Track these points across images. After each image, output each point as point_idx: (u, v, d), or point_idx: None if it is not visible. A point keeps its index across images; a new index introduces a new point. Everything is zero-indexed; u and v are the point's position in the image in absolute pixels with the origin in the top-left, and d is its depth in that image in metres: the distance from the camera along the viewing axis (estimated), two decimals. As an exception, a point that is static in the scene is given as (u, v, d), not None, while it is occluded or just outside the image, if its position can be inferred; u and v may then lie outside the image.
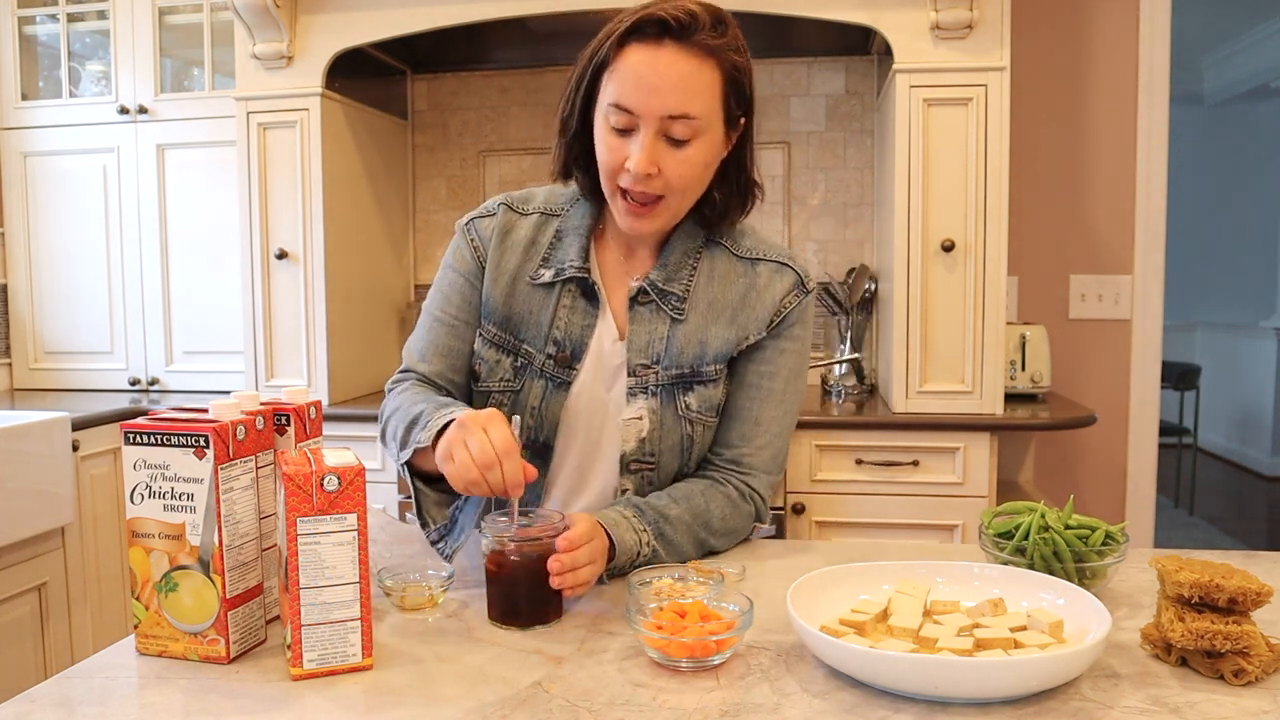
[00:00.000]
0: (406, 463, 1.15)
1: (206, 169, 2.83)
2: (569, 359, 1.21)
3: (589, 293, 1.22)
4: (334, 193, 2.59)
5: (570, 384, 1.21)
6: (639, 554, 1.11)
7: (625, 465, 1.22)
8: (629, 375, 1.21)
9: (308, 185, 2.53)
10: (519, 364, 1.23)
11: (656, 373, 1.21)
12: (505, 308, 1.23)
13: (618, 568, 1.10)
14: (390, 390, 1.26)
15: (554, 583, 0.97)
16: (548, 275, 1.22)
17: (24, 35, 2.95)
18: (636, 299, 1.22)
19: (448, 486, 1.20)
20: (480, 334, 1.25)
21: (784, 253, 1.27)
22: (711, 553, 1.22)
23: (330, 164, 2.57)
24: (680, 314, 1.21)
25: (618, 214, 1.18)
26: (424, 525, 1.20)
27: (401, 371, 1.29)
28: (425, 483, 1.17)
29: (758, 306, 1.23)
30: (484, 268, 1.25)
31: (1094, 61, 2.80)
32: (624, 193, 1.14)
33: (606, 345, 1.22)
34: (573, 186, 1.27)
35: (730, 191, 1.22)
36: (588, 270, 1.22)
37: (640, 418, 1.20)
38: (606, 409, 1.23)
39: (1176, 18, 2.78)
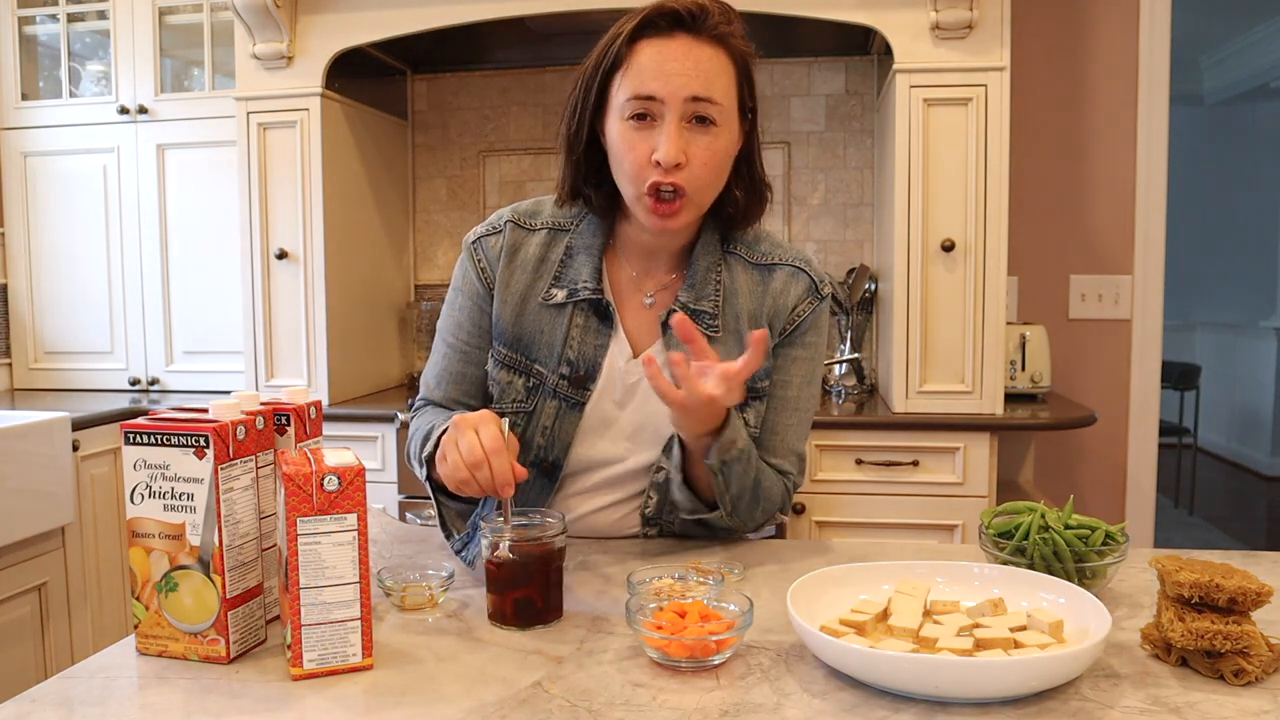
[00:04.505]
0: (429, 478, 1.16)
1: (206, 169, 2.83)
2: (583, 380, 1.21)
3: (602, 313, 1.21)
4: (334, 193, 2.59)
5: (584, 404, 1.21)
6: (735, 444, 1.11)
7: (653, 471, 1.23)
8: None
9: (308, 185, 2.53)
10: (531, 384, 1.22)
11: None
12: (516, 328, 1.23)
13: (724, 443, 1.09)
14: (411, 418, 1.28)
15: (713, 380, 1.00)
16: (560, 296, 1.21)
17: (24, 35, 2.95)
18: (668, 322, 1.20)
19: (468, 497, 1.22)
20: (492, 355, 1.25)
21: (799, 257, 1.25)
22: (742, 523, 1.21)
23: (330, 164, 2.57)
24: (715, 330, 1.21)
25: (644, 215, 1.14)
26: (448, 536, 1.22)
27: (420, 399, 1.30)
28: (448, 496, 1.18)
29: (775, 314, 1.23)
30: (492, 290, 1.24)
31: (1094, 61, 2.80)
32: (652, 190, 1.11)
33: (620, 364, 1.21)
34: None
35: (747, 190, 1.21)
36: (601, 291, 1.21)
37: None
38: (618, 425, 1.22)
39: (1176, 18, 2.78)
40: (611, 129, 1.14)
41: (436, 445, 1.09)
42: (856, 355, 2.73)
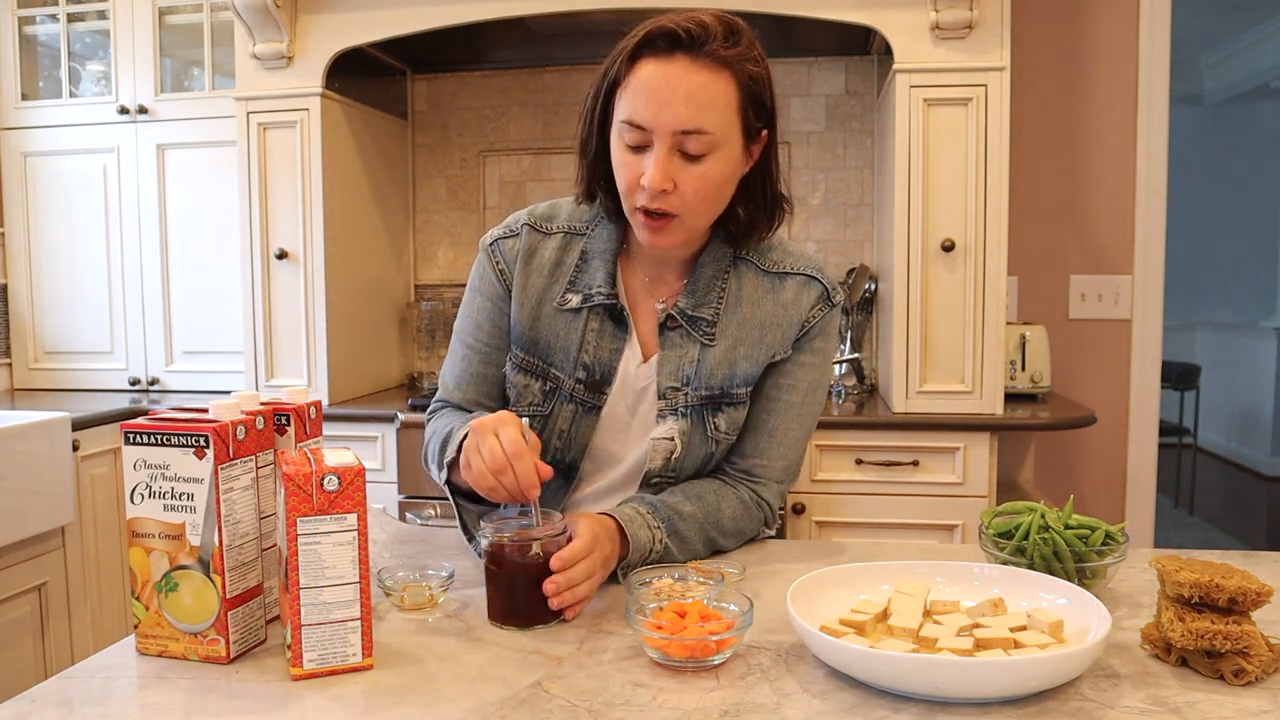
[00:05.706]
0: (448, 481, 1.16)
1: (206, 169, 2.83)
2: (599, 384, 1.21)
3: (617, 317, 1.21)
4: (334, 193, 2.59)
5: (600, 408, 1.21)
6: (652, 551, 1.11)
7: (647, 480, 1.22)
8: (659, 398, 1.20)
9: (308, 185, 2.53)
10: (548, 388, 1.22)
11: (686, 394, 1.20)
12: (532, 332, 1.23)
13: (631, 565, 1.09)
14: (428, 420, 1.28)
15: (552, 604, 0.97)
16: (575, 300, 1.21)
17: (24, 35, 2.95)
18: (666, 325, 1.21)
19: (487, 500, 1.22)
20: (509, 358, 1.25)
21: (811, 265, 1.24)
22: (719, 552, 1.22)
23: (330, 164, 2.57)
24: (711, 339, 1.20)
25: (637, 230, 1.15)
26: (470, 539, 1.22)
27: (437, 400, 1.30)
28: (468, 498, 1.18)
29: (784, 324, 1.22)
30: (510, 291, 1.24)
31: (1094, 61, 2.80)
32: (642, 209, 1.12)
33: (632, 369, 1.22)
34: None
35: (756, 207, 1.19)
36: (616, 295, 1.21)
37: (670, 438, 1.20)
38: (630, 430, 1.23)
39: (1176, 18, 2.78)
40: (612, 143, 1.14)
41: (458, 451, 1.08)
42: (856, 355, 2.73)
